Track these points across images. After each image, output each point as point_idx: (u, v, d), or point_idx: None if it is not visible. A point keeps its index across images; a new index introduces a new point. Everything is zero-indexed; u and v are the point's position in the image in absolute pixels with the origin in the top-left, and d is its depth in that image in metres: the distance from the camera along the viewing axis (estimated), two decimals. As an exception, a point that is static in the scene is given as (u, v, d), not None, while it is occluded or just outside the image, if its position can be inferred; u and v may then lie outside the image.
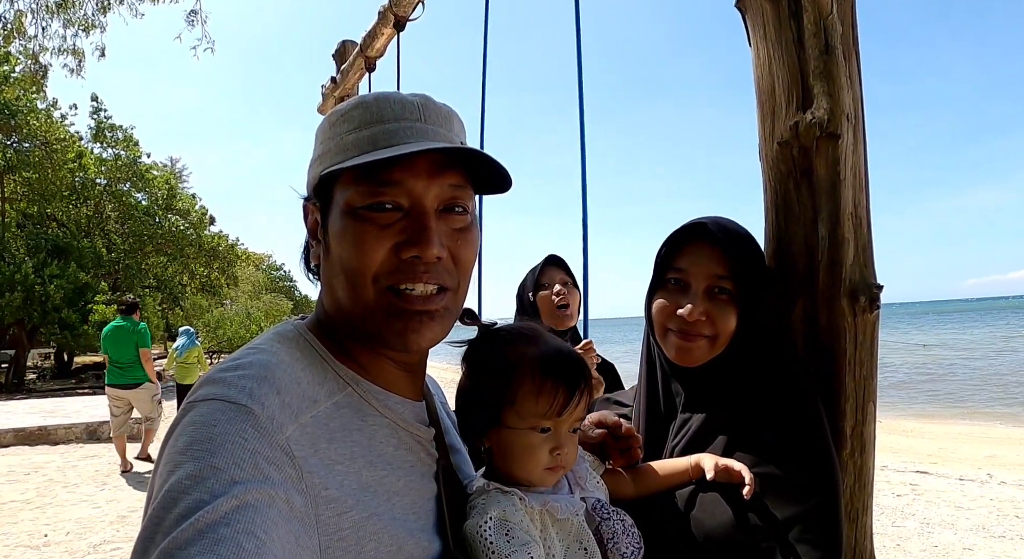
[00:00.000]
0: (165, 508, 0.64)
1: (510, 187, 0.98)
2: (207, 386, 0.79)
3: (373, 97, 0.93)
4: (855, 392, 1.35)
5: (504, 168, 0.93)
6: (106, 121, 22.01)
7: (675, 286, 1.31)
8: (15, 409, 12.93)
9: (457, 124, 0.97)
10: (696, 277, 1.28)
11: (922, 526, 5.96)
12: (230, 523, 0.62)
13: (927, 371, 25.02)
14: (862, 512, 1.37)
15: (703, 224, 1.29)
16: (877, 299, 1.35)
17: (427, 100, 0.94)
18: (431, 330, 0.90)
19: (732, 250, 1.27)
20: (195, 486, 0.65)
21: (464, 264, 0.94)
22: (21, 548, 5.44)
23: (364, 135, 0.89)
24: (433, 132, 0.91)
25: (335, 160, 0.90)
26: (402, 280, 0.88)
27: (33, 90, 14.36)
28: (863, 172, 1.41)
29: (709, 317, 1.26)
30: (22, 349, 19.84)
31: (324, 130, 0.95)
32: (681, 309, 1.27)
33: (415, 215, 0.88)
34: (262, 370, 0.81)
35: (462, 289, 0.95)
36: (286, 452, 0.74)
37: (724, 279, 1.26)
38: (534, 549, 0.95)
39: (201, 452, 0.68)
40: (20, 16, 6.53)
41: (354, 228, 0.88)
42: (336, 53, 4.79)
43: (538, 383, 1.03)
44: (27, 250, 19.44)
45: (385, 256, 0.88)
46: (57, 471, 8.32)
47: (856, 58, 1.42)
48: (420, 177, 0.88)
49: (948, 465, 8.95)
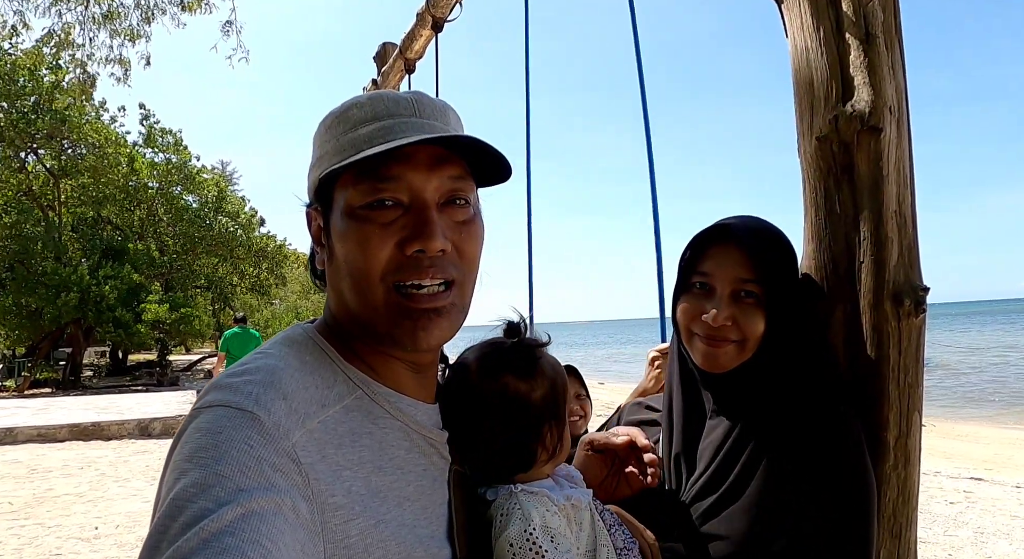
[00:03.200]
0: (171, 516, 0.64)
1: (510, 176, 0.96)
2: (213, 392, 0.78)
3: (367, 97, 0.92)
4: (899, 401, 1.28)
5: (502, 155, 0.90)
6: (156, 126, 22.67)
7: (700, 290, 1.26)
8: (71, 405, 13.41)
9: (453, 117, 0.95)
10: (720, 281, 1.23)
11: (976, 535, 5.72)
12: (235, 532, 0.61)
13: (983, 373, 24.16)
14: (906, 527, 1.30)
15: (727, 225, 1.24)
16: (923, 302, 1.28)
17: (421, 95, 0.93)
18: (439, 328, 0.89)
19: (758, 252, 1.21)
20: (201, 494, 0.64)
21: (469, 257, 0.92)
22: (73, 540, 5.62)
23: (360, 133, 0.88)
24: (429, 126, 0.90)
25: (333, 161, 0.89)
26: (408, 277, 0.86)
27: (84, 98, 14.87)
28: (907, 167, 1.34)
29: (735, 322, 1.21)
30: (78, 347, 20.59)
31: (320, 134, 0.94)
32: (706, 314, 1.22)
33: (416, 209, 0.87)
34: (269, 376, 0.80)
35: (468, 282, 0.93)
36: (292, 458, 0.73)
37: (749, 282, 1.21)
38: (574, 555, 0.96)
39: (207, 459, 0.68)
40: (68, 28, 6.77)
41: (356, 229, 0.87)
42: (377, 55, 4.83)
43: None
44: (83, 252, 20.16)
45: (390, 254, 0.86)
46: (109, 466, 8.60)
47: (899, 47, 1.34)
48: (419, 171, 0.87)
49: (1004, 472, 8.60)
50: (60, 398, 15.75)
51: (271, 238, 25.50)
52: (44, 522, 6.14)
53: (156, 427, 10.90)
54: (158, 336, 21.54)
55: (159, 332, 20.82)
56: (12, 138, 17.98)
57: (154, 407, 12.62)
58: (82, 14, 6.67)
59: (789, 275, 1.25)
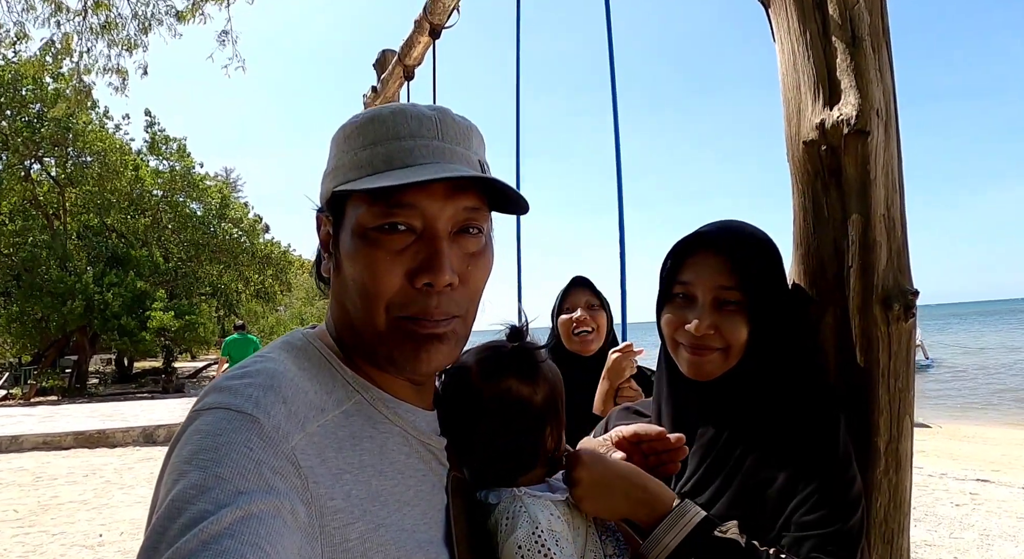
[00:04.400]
0: (170, 517, 0.64)
1: (527, 210, 0.95)
2: (213, 394, 0.78)
3: (390, 110, 0.90)
4: (889, 406, 1.27)
5: (520, 195, 0.90)
6: (160, 134, 22.76)
7: (681, 300, 1.26)
8: (76, 413, 13.47)
9: (476, 140, 0.94)
10: (701, 289, 1.23)
11: (982, 538, 5.68)
12: (234, 535, 0.61)
13: (987, 373, 24.03)
14: (898, 533, 1.29)
15: (704, 232, 1.24)
16: (912, 306, 1.27)
17: (445, 114, 0.91)
18: (440, 353, 0.89)
19: (737, 258, 1.21)
20: (200, 496, 0.64)
21: (474, 288, 0.92)
22: (77, 547, 5.63)
23: (379, 151, 0.87)
24: (450, 151, 0.88)
25: (348, 177, 0.88)
26: (414, 312, 0.86)
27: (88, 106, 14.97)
28: (896, 171, 1.33)
29: (718, 330, 1.20)
30: (84, 355, 20.65)
31: (339, 142, 0.93)
32: (688, 324, 1.22)
33: (427, 239, 0.86)
34: (269, 379, 0.80)
35: (470, 315, 0.93)
36: (292, 462, 0.73)
37: (730, 289, 1.21)
38: None
39: (206, 461, 0.68)
40: (68, 39, 6.82)
41: (366, 252, 0.86)
42: (376, 62, 4.85)
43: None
44: (87, 260, 20.22)
45: (398, 284, 0.86)
46: (114, 473, 8.62)
47: (887, 49, 1.34)
48: (435, 199, 0.85)
49: (1012, 473, 8.53)
50: (66, 406, 15.80)
51: (275, 244, 25.51)
52: (49, 529, 6.16)
53: (161, 434, 10.92)
54: (164, 343, 21.60)
55: (164, 339, 20.87)
56: (17, 146, 18.07)
57: (159, 414, 12.66)
58: (80, 24, 6.73)
59: (773, 280, 1.24)
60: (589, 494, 1.03)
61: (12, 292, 19.25)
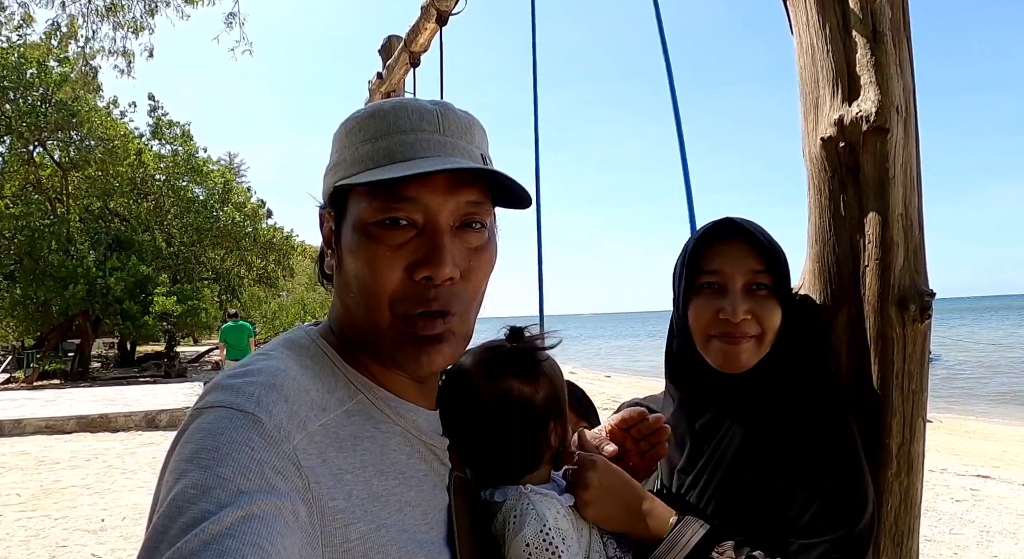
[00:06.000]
0: (171, 517, 0.63)
1: (529, 205, 0.94)
2: (215, 392, 0.77)
3: (391, 105, 0.89)
4: (903, 407, 1.25)
5: (523, 188, 0.89)
6: (163, 118, 22.69)
7: (710, 289, 1.24)
8: (78, 397, 13.51)
9: (478, 134, 0.92)
10: (732, 276, 1.21)
11: (981, 534, 5.69)
12: (236, 535, 0.61)
13: (992, 369, 24.03)
14: (908, 535, 1.28)
15: (730, 220, 1.23)
16: (929, 307, 1.25)
17: (446, 109, 0.90)
18: (441, 354, 0.88)
19: (763, 244, 1.21)
20: (201, 496, 0.64)
21: (476, 284, 0.91)
22: (79, 532, 5.66)
23: (380, 146, 0.86)
24: (452, 145, 0.87)
25: (350, 171, 0.87)
26: (415, 307, 0.85)
27: (92, 89, 14.94)
28: (914, 169, 1.31)
29: (754, 315, 1.20)
30: (87, 339, 20.72)
31: (340, 137, 0.92)
32: (723, 312, 1.20)
33: (429, 233, 0.85)
34: (270, 377, 0.79)
35: (472, 310, 0.92)
36: (293, 461, 0.73)
37: (761, 273, 1.20)
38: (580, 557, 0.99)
39: (208, 461, 0.67)
40: (73, 21, 6.78)
41: (368, 247, 0.85)
42: (382, 48, 4.80)
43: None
44: (90, 244, 20.23)
45: (399, 279, 0.85)
46: (116, 458, 8.65)
47: (907, 44, 1.31)
48: (436, 193, 0.84)
49: (1012, 470, 8.54)
50: (68, 390, 15.86)
51: (278, 230, 25.49)
52: (51, 514, 6.19)
53: (163, 419, 10.95)
54: (166, 328, 21.65)
55: (167, 324, 20.92)
56: (21, 131, 18.03)
57: (161, 399, 12.69)
58: (85, 6, 6.69)
59: (788, 269, 1.24)
60: (595, 499, 1.05)
61: (15, 276, 19.25)
